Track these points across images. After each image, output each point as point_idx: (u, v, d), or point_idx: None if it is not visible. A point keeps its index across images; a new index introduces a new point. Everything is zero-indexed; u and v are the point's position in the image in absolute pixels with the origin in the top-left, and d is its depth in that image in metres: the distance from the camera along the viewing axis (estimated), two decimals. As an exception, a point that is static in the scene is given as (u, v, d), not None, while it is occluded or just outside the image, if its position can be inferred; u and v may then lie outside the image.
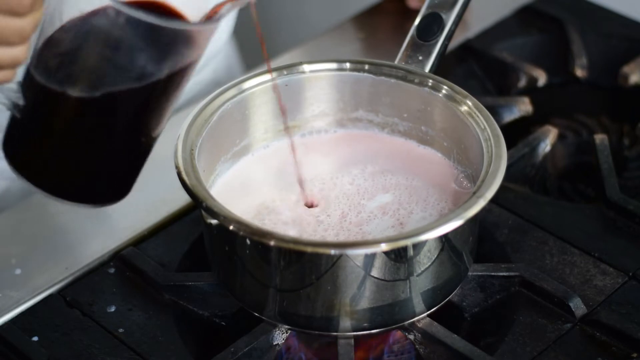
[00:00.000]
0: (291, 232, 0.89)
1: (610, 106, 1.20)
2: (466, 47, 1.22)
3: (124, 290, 0.94)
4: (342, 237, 0.88)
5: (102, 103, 0.79)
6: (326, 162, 0.96)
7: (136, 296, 0.94)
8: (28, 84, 0.81)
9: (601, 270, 0.95)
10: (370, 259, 0.82)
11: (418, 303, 0.86)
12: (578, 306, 0.91)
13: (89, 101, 0.79)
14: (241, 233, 0.82)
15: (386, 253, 0.82)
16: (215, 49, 1.24)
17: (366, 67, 0.95)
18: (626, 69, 1.19)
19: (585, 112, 1.18)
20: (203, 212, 0.86)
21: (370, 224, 0.89)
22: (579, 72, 1.21)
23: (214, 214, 0.83)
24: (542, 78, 1.19)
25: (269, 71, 0.94)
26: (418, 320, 0.88)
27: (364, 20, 1.27)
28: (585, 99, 1.21)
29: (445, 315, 0.90)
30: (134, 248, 0.97)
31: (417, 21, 0.96)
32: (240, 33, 1.31)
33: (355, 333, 0.86)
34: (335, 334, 0.86)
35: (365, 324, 0.86)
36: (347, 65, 0.96)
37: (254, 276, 0.86)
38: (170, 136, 0.89)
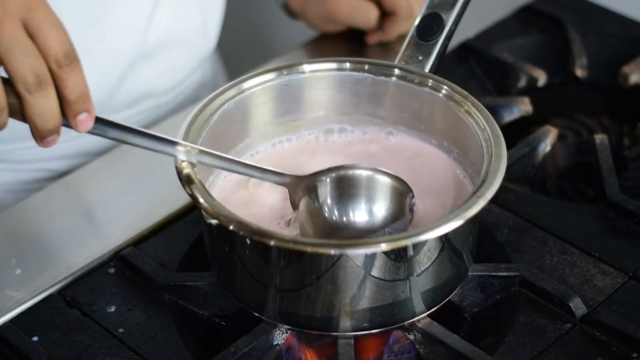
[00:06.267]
0: (292, 232, 0.89)
1: (610, 106, 1.20)
2: (466, 47, 1.22)
3: (124, 290, 0.94)
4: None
5: None
6: (326, 162, 0.95)
7: (136, 296, 0.94)
8: None
9: (601, 270, 0.95)
10: (370, 259, 0.82)
11: (418, 303, 0.86)
12: (578, 306, 0.91)
13: None
14: (241, 233, 0.82)
15: (386, 253, 0.82)
16: (207, 54, 1.25)
17: (366, 67, 0.95)
18: (626, 69, 1.19)
19: (585, 112, 1.18)
20: (203, 212, 0.86)
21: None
22: (579, 72, 1.21)
23: (214, 214, 0.83)
24: (542, 78, 1.19)
25: None
26: (418, 320, 0.88)
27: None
28: (585, 99, 1.21)
29: (445, 315, 0.90)
30: (134, 248, 0.97)
31: (417, 21, 0.96)
32: (223, 40, 1.31)
33: (355, 333, 0.86)
34: (335, 334, 0.86)
35: (365, 324, 0.86)
36: (347, 65, 0.96)
37: (253, 276, 0.86)
38: (171, 136, 0.89)
